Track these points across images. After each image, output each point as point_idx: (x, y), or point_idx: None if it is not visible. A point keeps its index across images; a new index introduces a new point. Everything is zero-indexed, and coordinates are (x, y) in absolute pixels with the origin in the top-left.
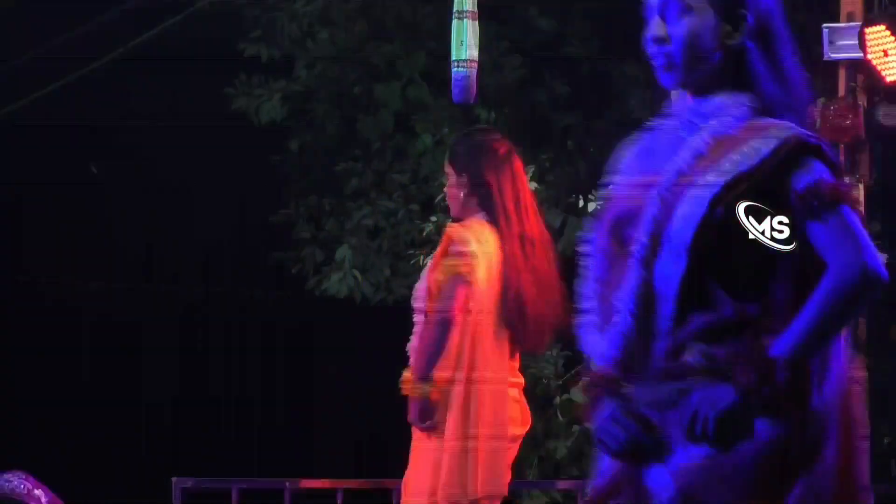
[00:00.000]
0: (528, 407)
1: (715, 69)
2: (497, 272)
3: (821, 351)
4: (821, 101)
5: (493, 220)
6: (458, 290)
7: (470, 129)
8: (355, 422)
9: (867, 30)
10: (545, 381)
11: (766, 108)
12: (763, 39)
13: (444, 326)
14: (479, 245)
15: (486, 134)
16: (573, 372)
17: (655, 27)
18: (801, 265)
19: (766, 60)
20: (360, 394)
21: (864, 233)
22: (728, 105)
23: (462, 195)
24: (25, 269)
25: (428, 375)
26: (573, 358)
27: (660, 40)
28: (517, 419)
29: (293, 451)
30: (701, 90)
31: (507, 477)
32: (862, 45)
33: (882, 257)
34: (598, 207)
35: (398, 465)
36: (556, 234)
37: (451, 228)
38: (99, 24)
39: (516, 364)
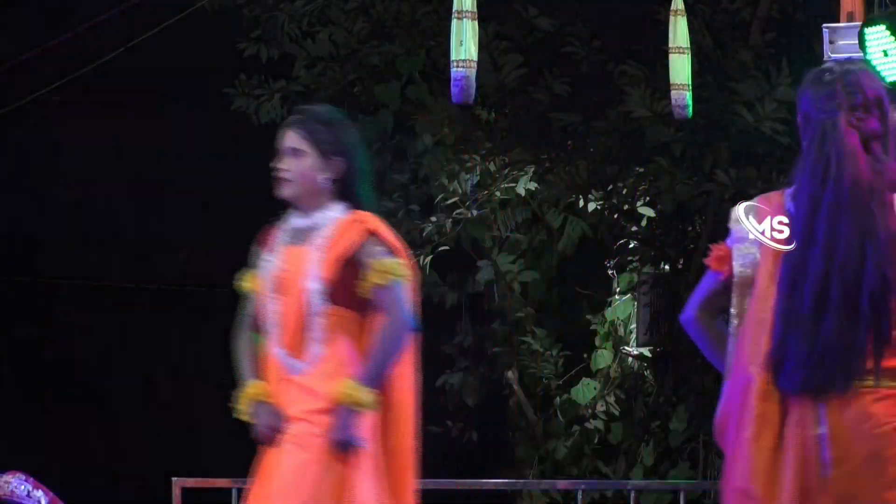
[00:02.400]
0: None
1: None
2: None
3: None
4: None
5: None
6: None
7: None
8: None
9: (867, 30)
10: (545, 381)
11: None
12: None
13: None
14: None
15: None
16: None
17: None
18: None
19: None
20: None
21: None
22: None
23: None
24: (25, 266)
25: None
26: (573, 358)
27: None
28: None
29: None
30: None
31: None
32: (862, 45)
33: None
34: None
35: None
36: (557, 234)
37: (368, 222)
38: (99, 24)
39: None
